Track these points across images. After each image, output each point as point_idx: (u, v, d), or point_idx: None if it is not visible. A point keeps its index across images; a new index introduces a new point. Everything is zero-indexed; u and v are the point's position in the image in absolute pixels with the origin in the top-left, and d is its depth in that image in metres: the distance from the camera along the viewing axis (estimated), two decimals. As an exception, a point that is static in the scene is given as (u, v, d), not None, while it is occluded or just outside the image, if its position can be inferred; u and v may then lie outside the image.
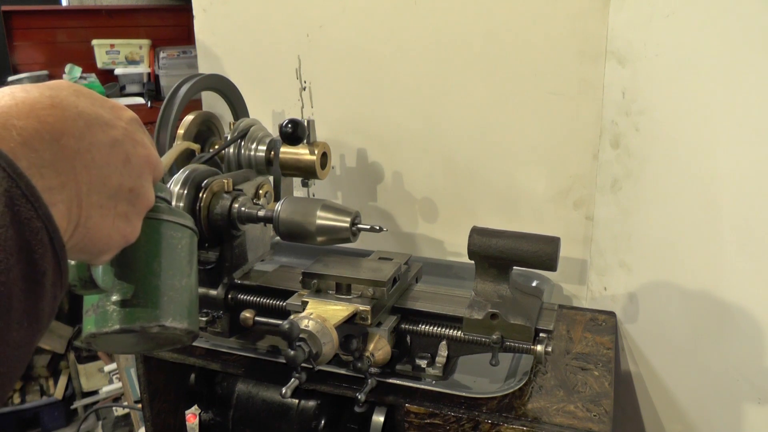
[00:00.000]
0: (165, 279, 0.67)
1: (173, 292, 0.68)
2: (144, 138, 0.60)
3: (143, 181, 0.59)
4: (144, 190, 0.59)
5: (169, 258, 0.68)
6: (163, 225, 0.67)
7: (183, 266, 0.70)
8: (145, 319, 0.66)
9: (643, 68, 1.12)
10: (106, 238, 0.55)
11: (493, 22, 1.25)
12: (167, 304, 0.67)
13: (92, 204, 0.52)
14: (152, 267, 0.66)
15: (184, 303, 0.69)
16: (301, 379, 0.89)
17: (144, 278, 0.66)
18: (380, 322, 0.95)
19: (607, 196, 1.23)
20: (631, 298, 1.25)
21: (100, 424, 2.90)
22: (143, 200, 0.59)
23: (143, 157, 0.58)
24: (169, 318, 0.67)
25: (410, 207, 1.46)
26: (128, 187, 0.56)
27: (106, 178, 0.53)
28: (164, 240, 0.67)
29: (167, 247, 0.68)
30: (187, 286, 0.70)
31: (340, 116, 1.47)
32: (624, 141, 1.18)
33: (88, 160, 0.51)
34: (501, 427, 0.90)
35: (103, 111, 0.55)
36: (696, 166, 1.09)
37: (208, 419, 1.18)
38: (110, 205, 0.54)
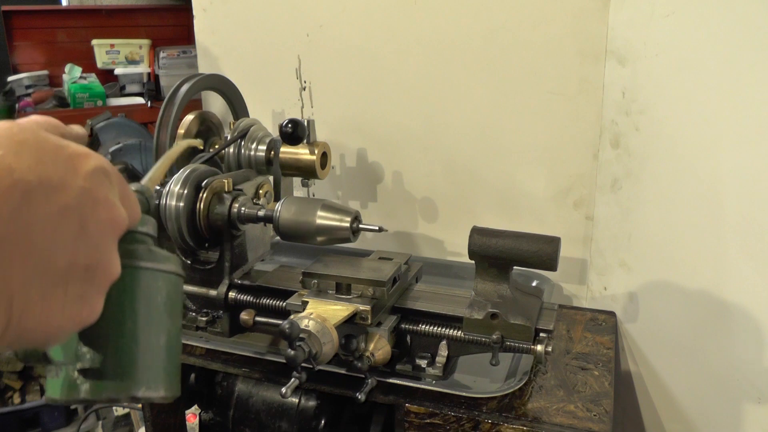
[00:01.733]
0: (140, 340, 0.57)
1: (149, 354, 0.58)
2: (108, 192, 0.48)
3: (104, 250, 0.47)
4: (105, 261, 0.48)
5: (146, 314, 0.57)
6: (140, 273, 0.57)
7: (163, 321, 0.59)
8: (115, 390, 0.56)
9: (643, 68, 1.12)
10: (54, 329, 0.45)
11: (493, 22, 1.25)
12: (141, 371, 0.57)
13: (30, 299, 0.42)
14: (125, 328, 0.56)
15: (161, 366, 0.59)
16: (301, 379, 0.89)
17: (115, 343, 0.56)
18: (380, 322, 0.95)
19: (607, 196, 1.23)
20: (631, 297, 1.25)
21: (100, 424, 2.90)
22: (104, 274, 0.48)
23: (105, 221, 0.47)
24: (142, 387, 0.57)
25: (410, 207, 1.46)
26: (83, 263, 0.45)
27: (51, 261, 0.43)
28: (141, 292, 0.57)
29: (144, 300, 0.57)
30: (166, 344, 0.59)
31: (340, 116, 1.47)
32: (624, 141, 1.18)
33: (23, 245, 0.41)
34: (501, 426, 0.90)
35: (53, 169, 0.44)
36: (696, 166, 1.09)
37: (208, 419, 1.18)
38: (57, 291, 0.44)
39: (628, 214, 1.21)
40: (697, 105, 1.07)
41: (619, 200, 1.21)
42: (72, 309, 0.46)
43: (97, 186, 0.46)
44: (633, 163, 1.18)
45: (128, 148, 2.13)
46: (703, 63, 1.05)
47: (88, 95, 3.82)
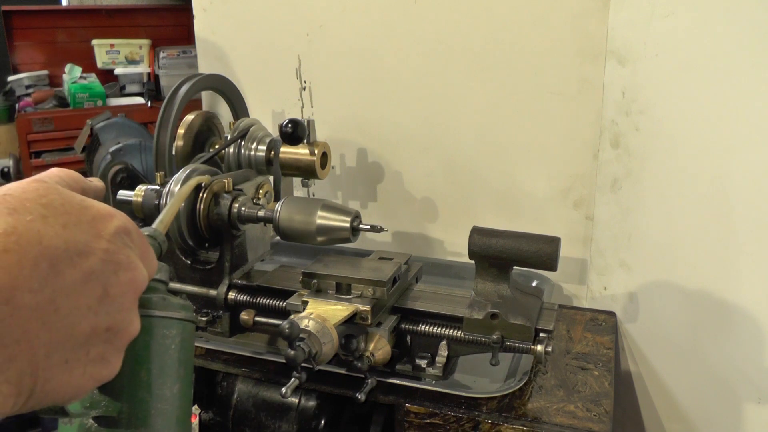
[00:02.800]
0: (154, 389, 0.58)
1: (162, 403, 0.58)
2: (130, 253, 0.48)
3: (126, 312, 0.48)
4: (126, 323, 0.48)
5: (159, 363, 0.58)
6: (153, 322, 0.57)
7: (176, 369, 0.60)
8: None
9: (643, 68, 1.12)
10: (75, 389, 0.46)
11: (493, 22, 1.25)
12: (155, 419, 0.58)
13: (53, 364, 0.42)
14: (139, 377, 0.57)
15: (174, 413, 0.59)
16: (301, 379, 0.89)
17: (129, 392, 0.56)
18: (380, 322, 0.95)
19: (607, 196, 1.23)
20: (631, 297, 1.25)
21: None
22: (125, 334, 0.49)
23: (128, 283, 0.47)
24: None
25: (410, 207, 1.46)
26: (105, 326, 0.46)
27: (75, 327, 0.43)
28: (154, 341, 0.57)
29: (158, 349, 0.58)
30: (179, 392, 0.60)
31: (340, 116, 1.47)
32: (624, 141, 1.18)
33: (49, 314, 0.41)
34: (501, 426, 0.90)
35: (79, 233, 0.44)
36: (696, 166, 1.10)
37: (208, 419, 1.18)
38: (80, 356, 0.45)
39: (628, 214, 1.21)
40: (697, 105, 1.07)
41: (619, 200, 1.21)
42: (93, 369, 0.46)
43: (120, 248, 0.47)
44: (633, 163, 1.18)
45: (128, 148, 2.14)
46: (703, 63, 1.05)
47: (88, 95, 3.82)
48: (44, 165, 3.48)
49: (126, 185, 1.92)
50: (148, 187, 1.08)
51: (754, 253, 1.05)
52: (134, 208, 1.08)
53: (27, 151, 3.73)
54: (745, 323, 1.08)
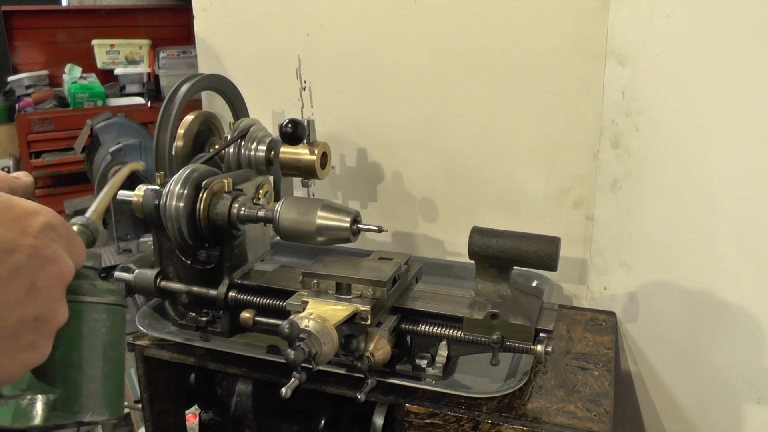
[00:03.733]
0: (86, 370, 0.61)
1: (94, 383, 0.61)
2: (56, 248, 0.51)
3: (53, 301, 0.51)
4: (54, 312, 0.51)
5: (90, 345, 0.61)
6: (84, 308, 0.60)
7: (107, 350, 0.63)
8: (63, 417, 0.60)
9: (643, 68, 1.12)
10: (5, 374, 0.49)
11: (493, 21, 1.25)
12: (87, 398, 0.61)
13: None
14: (71, 359, 0.60)
15: (105, 392, 0.63)
16: (301, 379, 0.89)
17: (62, 374, 0.59)
18: (380, 322, 0.95)
19: (607, 196, 1.23)
20: (631, 297, 1.25)
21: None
22: (52, 323, 0.52)
23: (53, 276, 0.50)
24: (89, 413, 0.61)
25: (410, 207, 1.46)
26: (33, 317, 0.49)
27: (3, 319, 0.46)
28: (85, 325, 0.61)
29: (88, 333, 0.61)
30: (110, 372, 0.63)
31: (340, 116, 1.48)
32: (624, 141, 1.18)
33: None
34: (501, 426, 0.90)
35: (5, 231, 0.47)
36: (696, 166, 1.10)
37: (208, 419, 1.19)
38: (8, 345, 0.47)
39: (628, 214, 1.21)
40: (697, 105, 1.07)
41: (619, 200, 1.21)
42: (23, 356, 0.49)
43: (46, 243, 0.49)
44: (633, 163, 1.18)
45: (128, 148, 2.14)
46: (702, 63, 1.05)
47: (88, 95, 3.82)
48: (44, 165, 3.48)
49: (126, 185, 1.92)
50: (148, 187, 1.08)
51: (754, 253, 1.05)
52: (134, 208, 1.08)
53: (27, 152, 3.73)
54: (745, 323, 1.08)
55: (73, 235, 0.55)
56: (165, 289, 1.10)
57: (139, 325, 1.12)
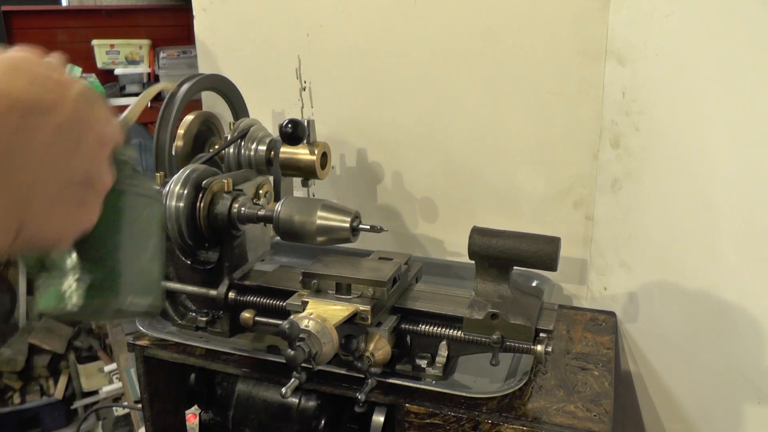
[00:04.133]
0: (125, 255, 0.63)
1: (134, 269, 0.64)
2: (97, 113, 0.53)
3: (98, 163, 0.54)
4: (100, 173, 0.54)
5: (130, 232, 0.63)
6: (124, 196, 0.63)
7: (146, 240, 0.66)
8: (103, 298, 0.62)
9: (643, 68, 1.12)
10: (59, 232, 0.52)
11: (493, 22, 1.25)
12: (127, 283, 0.63)
13: (36, 204, 0.48)
14: (112, 243, 0.62)
15: (145, 279, 0.66)
16: (301, 379, 0.89)
17: (103, 255, 0.62)
18: (380, 322, 0.95)
19: (607, 196, 1.23)
20: (631, 298, 1.25)
21: (100, 424, 2.90)
22: (100, 183, 0.55)
23: (96, 138, 0.52)
24: (129, 297, 0.63)
25: (410, 207, 1.46)
26: (81, 174, 0.51)
27: (52, 173, 0.48)
28: (125, 213, 0.63)
29: (129, 220, 0.63)
30: (150, 261, 0.66)
31: (340, 116, 1.48)
32: (624, 141, 1.18)
33: (25, 159, 0.46)
34: (501, 426, 0.90)
35: (45, 92, 0.48)
36: (696, 166, 1.09)
37: (208, 419, 1.18)
38: (60, 199, 0.50)
39: (628, 214, 1.21)
40: (697, 105, 1.07)
41: (619, 200, 1.21)
42: (74, 215, 0.52)
43: (86, 107, 0.51)
44: (633, 163, 1.18)
45: (128, 148, 2.13)
46: (703, 63, 1.05)
47: (88, 95, 3.81)
48: (44, 165, 3.49)
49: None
50: (148, 187, 1.08)
51: (754, 252, 1.05)
52: (134, 208, 1.08)
53: (27, 152, 3.72)
54: (745, 323, 1.08)
55: (109, 109, 0.56)
56: (165, 290, 1.10)
57: (139, 325, 1.12)
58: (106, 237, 0.61)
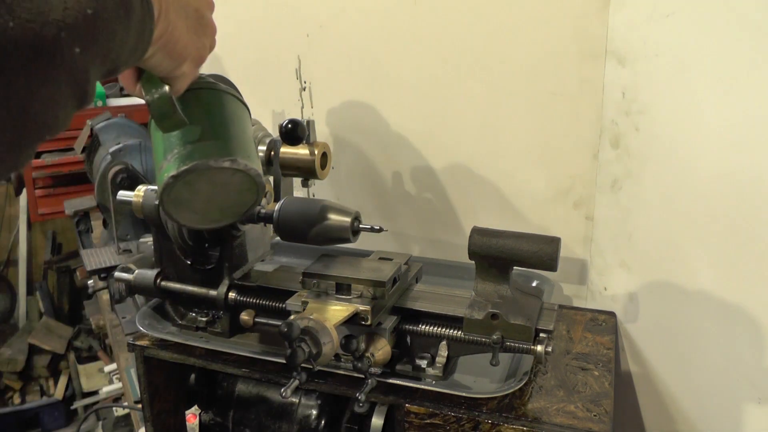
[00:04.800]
0: (231, 126, 0.78)
1: (240, 137, 0.78)
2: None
3: (205, 9, 0.67)
4: (207, 17, 0.67)
5: (232, 114, 0.80)
6: (225, 95, 0.81)
7: (245, 125, 0.82)
8: (219, 153, 0.75)
9: (643, 68, 1.12)
10: (183, 41, 0.62)
11: (493, 22, 1.25)
12: (236, 144, 0.77)
13: (170, 2, 0.58)
14: (220, 114, 0.78)
15: (250, 149, 0.80)
16: (301, 379, 0.89)
17: (213, 122, 0.77)
18: (380, 322, 0.95)
19: (607, 196, 1.23)
20: (631, 298, 1.25)
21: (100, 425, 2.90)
22: (209, 24, 0.68)
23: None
24: (240, 155, 0.76)
25: (410, 207, 1.46)
26: (194, 6, 0.64)
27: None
28: (228, 103, 0.80)
29: (230, 107, 0.81)
30: (250, 140, 0.82)
31: (340, 116, 1.47)
32: (624, 141, 1.18)
33: None
34: (501, 427, 0.90)
35: None
36: (696, 166, 1.09)
37: (208, 419, 1.18)
38: (182, 13, 0.61)
39: (628, 215, 1.21)
40: (696, 105, 1.07)
41: (619, 200, 1.21)
42: (192, 36, 0.64)
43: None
44: (633, 164, 1.18)
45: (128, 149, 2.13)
46: (703, 63, 1.05)
47: (88, 95, 3.81)
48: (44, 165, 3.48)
49: (126, 185, 1.92)
50: (148, 187, 1.08)
51: (754, 253, 1.05)
52: (134, 209, 1.08)
53: (27, 152, 3.71)
54: (745, 323, 1.08)
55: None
56: (165, 290, 1.10)
57: (140, 326, 1.12)
58: (214, 107, 0.78)
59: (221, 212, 0.86)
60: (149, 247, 1.20)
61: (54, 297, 3.78)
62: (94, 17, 0.46)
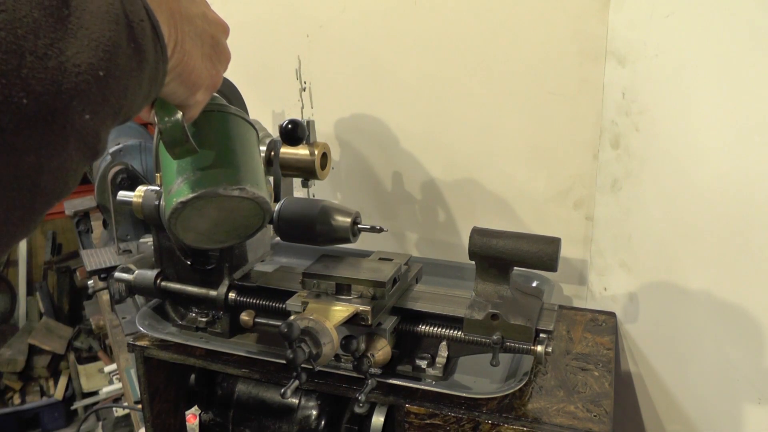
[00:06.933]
0: (240, 153, 0.79)
1: (248, 164, 0.79)
2: (213, 14, 0.68)
3: (220, 34, 0.67)
4: (222, 43, 0.68)
5: (242, 139, 0.80)
6: (235, 118, 0.81)
7: (253, 150, 0.83)
8: (228, 181, 0.76)
9: (643, 68, 1.12)
10: (198, 70, 0.62)
11: (493, 22, 1.25)
12: (245, 172, 0.78)
13: (185, 32, 0.58)
14: (230, 141, 0.79)
15: (258, 175, 0.81)
16: (301, 379, 0.89)
17: (223, 149, 0.78)
18: (380, 323, 0.95)
19: (607, 196, 1.23)
20: (631, 298, 1.25)
21: (100, 425, 2.90)
22: (223, 51, 0.68)
23: (217, 18, 0.67)
24: (248, 183, 0.78)
25: (410, 207, 1.46)
26: (210, 33, 0.64)
27: (192, 19, 0.59)
28: (235, 126, 0.81)
29: (240, 131, 0.81)
30: (258, 165, 0.83)
31: (340, 116, 1.47)
32: (624, 141, 1.18)
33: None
34: (501, 427, 0.90)
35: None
36: (696, 166, 1.09)
37: (208, 420, 1.18)
38: (198, 41, 0.61)
39: (628, 215, 1.21)
40: (697, 105, 1.07)
41: (619, 201, 1.21)
42: (207, 63, 0.64)
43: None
44: (633, 164, 1.18)
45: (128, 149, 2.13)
46: (703, 63, 1.05)
47: (87, 96, 3.81)
48: (44, 165, 3.48)
49: (126, 186, 1.92)
50: (149, 187, 1.08)
51: (754, 252, 1.05)
52: (134, 209, 1.08)
53: (27, 152, 3.71)
54: (745, 323, 1.08)
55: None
56: (165, 290, 1.10)
57: (140, 326, 1.12)
58: (224, 134, 0.79)
59: (227, 234, 0.88)
60: (149, 248, 1.20)
61: (54, 297, 3.78)
62: (106, 78, 0.44)
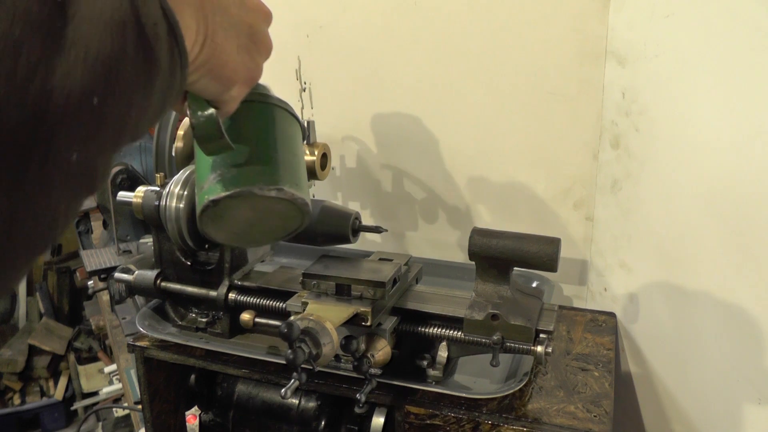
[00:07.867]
0: (281, 149, 0.72)
1: (289, 162, 0.73)
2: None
3: (260, 23, 0.62)
4: (262, 32, 0.63)
5: (283, 134, 0.74)
6: (277, 110, 0.76)
7: (295, 146, 0.76)
8: (264, 180, 0.69)
9: (643, 68, 1.12)
10: (232, 64, 0.57)
11: (493, 22, 1.25)
12: (284, 171, 0.71)
13: (217, 23, 0.53)
14: (269, 135, 0.72)
15: (299, 174, 0.74)
16: (301, 379, 0.89)
17: (262, 144, 0.71)
18: (380, 323, 0.95)
19: (607, 197, 1.23)
20: (631, 298, 1.25)
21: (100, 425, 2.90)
22: (263, 41, 0.63)
23: (257, 4, 0.62)
24: (287, 183, 0.71)
25: (410, 207, 1.46)
26: (247, 22, 0.59)
27: (226, 7, 0.54)
28: (279, 121, 0.75)
29: (281, 125, 0.75)
30: (300, 162, 0.76)
31: (340, 116, 1.47)
32: (624, 141, 1.18)
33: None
34: (501, 427, 0.90)
35: None
36: (696, 167, 1.09)
37: (208, 420, 1.18)
38: (233, 32, 0.56)
39: (628, 215, 1.21)
40: (697, 105, 1.07)
41: (619, 201, 1.21)
42: (243, 56, 0.59)
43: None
44: (633, 164, 1.18)
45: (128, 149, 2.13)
46: (703, 64, 1.05)
47: (87, 96, 3.81)
48: (44, 166, 3.49)
49: (126, 186, 1.92)
50: (148, 188, 1.08)
51: (754, 253, 1.05)
52: (134, 210, 1.08)
53: (27, 152, 3.71)
54: (746, 324, 1.08)
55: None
56: (165, 290, 1.10)
57: (139, 327, 1.12)
58: (264, 128, 0.73)
59: (262, 235, 0.82)
60: (149, 248, 1.20)
61: (54, 298, 3.78)
62: (103, 98, 0.36)
